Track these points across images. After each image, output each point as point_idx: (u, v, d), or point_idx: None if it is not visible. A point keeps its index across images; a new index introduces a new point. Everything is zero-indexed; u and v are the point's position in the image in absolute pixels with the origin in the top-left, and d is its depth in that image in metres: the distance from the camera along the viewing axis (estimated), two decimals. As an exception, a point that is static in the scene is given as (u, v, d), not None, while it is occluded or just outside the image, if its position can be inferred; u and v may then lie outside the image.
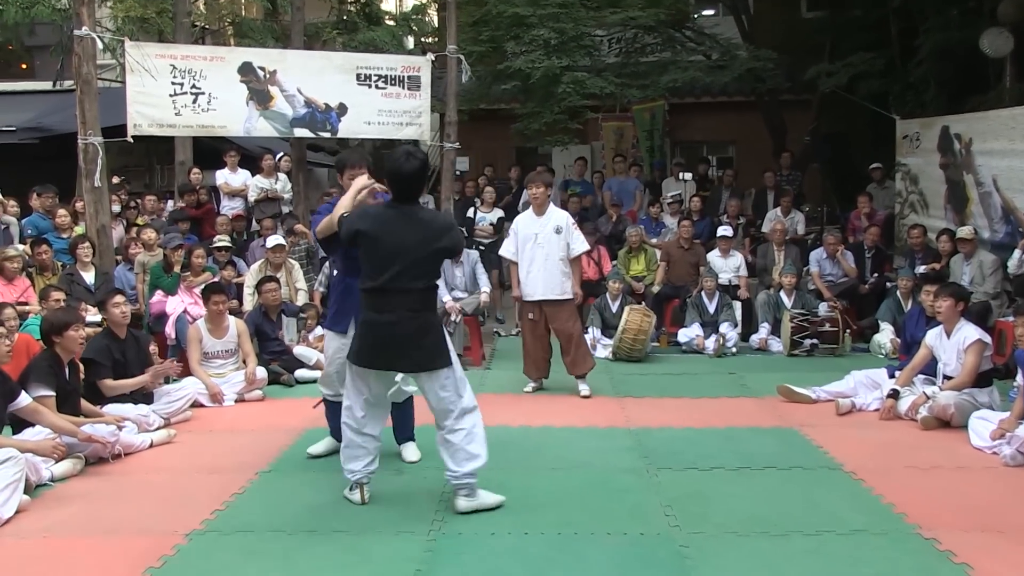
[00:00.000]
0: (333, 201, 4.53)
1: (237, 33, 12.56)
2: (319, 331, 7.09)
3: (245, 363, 6.50)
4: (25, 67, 14.99)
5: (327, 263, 7.25)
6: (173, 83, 7.89)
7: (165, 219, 9.14)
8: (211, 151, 10.36)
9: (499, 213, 9.54)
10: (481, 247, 8.95)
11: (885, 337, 7.57)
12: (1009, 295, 7.47)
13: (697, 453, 4.85)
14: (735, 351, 7.84)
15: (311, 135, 8.78)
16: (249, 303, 7.50)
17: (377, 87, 8.52)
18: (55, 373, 4.81)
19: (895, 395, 5.56)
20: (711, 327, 7.94)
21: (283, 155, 10.23)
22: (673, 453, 4.86)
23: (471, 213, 9.49)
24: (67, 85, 11.65)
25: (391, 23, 13.78)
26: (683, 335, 8.02)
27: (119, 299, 5.63)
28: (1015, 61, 8.82)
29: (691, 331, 7.96)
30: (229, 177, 9.71)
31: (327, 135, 8.80)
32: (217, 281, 7.31)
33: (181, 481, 4.55)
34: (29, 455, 4.31)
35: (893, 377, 5.78)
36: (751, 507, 4.04)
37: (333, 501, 4.16)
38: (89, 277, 7.32)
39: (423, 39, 14.23)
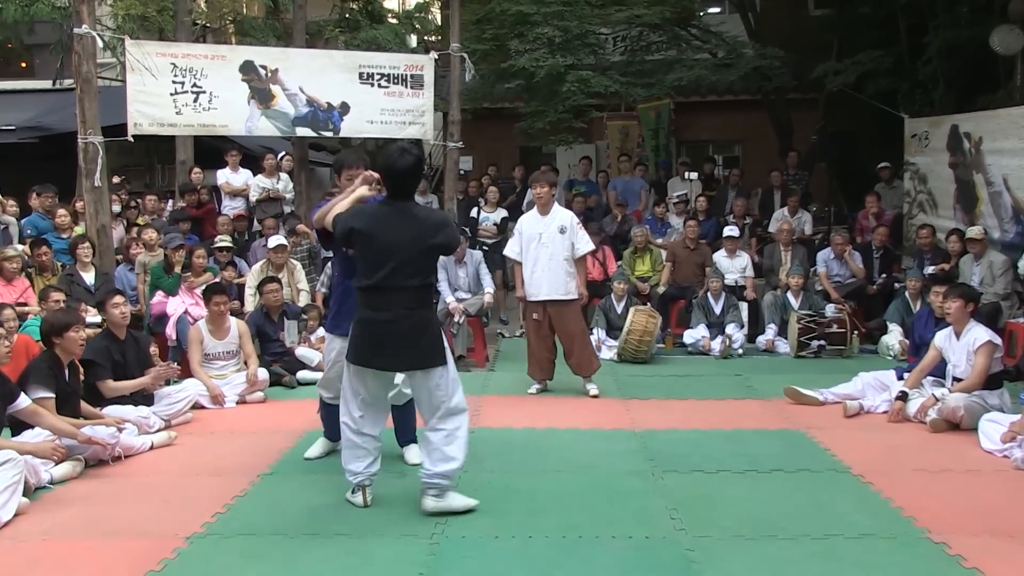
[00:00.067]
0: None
1: (238, 31, 12.58)
2: (321, 332, 7.04)
3: (246, 364, 6.48)
4: (24, 66, 15.03)
5: (329, 263, 7.21)
6: (174, 82, 7.85)
7: (166, 219, 9.13)
8: (212, 150, 10.36)
9: (503, 213, 9.54)
10: (485, 247, 8.95)
11: (893, 338, 7.52)
12: (1020, 296, 7.47)
13: (703, 455, 4.82)
14: (741, 352, 7.81)
15: (313, 134, 8.77)
16: (250, 304, 7.48)
17: (380, 86, 8.48)
18: (55, 375, 4.79)
19: (904, 397, 5.52)
20: (717, 328, 7.92)
21: (285, 154, 10.20)
22: (679, 455, 4.84)
23: (475, 213, 9.50)
24: (67, 84, 11.65)
25: (394, 21, 13.81)
26: (689, 336, 7.99)
27: (118, 299, 5.61)
28: (1026, 59, 8.78)
29: (697, 332, 7.93)
30: (230, 177, 9.70)
31: (329, 134, 8.77)
32: (218, 282, 7.29)
33: (182, 483, 4.54)
34: (28, 457, 4.29)
35: (902, 379, 5.74)
36: (758, 510, 4.01)
37: (335, 504, 4.14)
38: (89, 277, 7.29)
39: (426, 37, 14.25)
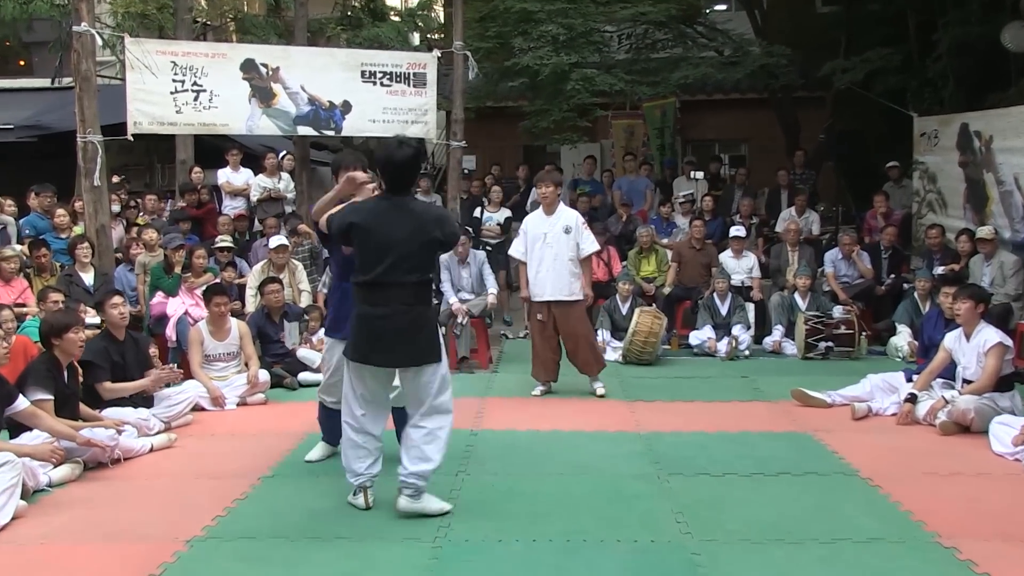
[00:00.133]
0: None
1: (239, 29, 12.63)
2: (322, 334, 6.99)
3: (247, 366, 6.45)
4: (23, 64, 15.09)
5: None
6: (174, 80, 7.82)
7: (166, 219, 9.12)
8: (213, 150, 10.36)
9: (506, 213, 9.53)
10: (488, 247, 8.96)
11: (902, 340, 7.49)
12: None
13: (709, 458, 4.80)
14: (748, 354, 7.77)
15: (315, 133, 8.74)
16: (251, 304, 7.46)
17: (382, 84, 8.46)
18: (54, 376, 4.77)
19: (913, 399, 5.49)
20: (723, 329, 7.88)
21: (286, 154, 10.18)
22: (684, 458, 4.81)
23: (478, 213, 9.49)
24: (66, 82, 11.67)
25: (396, 19, 13.87)
26: (695, 337, 7.95)
27: (117, 300, 5.59)
28: (1037, 56, 8.71)
29: (703, 333, 7.89)
30: (231, 176, 9.66)
31: (331, 133, 8.75)
32: (219, 282, 7.28)
33: (182, 486, 4.52)
34: (26, 460, 4.27)
35: (911, 381, 5.71)
36: (764, 514, 3.98)
37: (336, 507, 4.12)
38: (88, 278, 7.26)
39: (429, 35, 14.28)
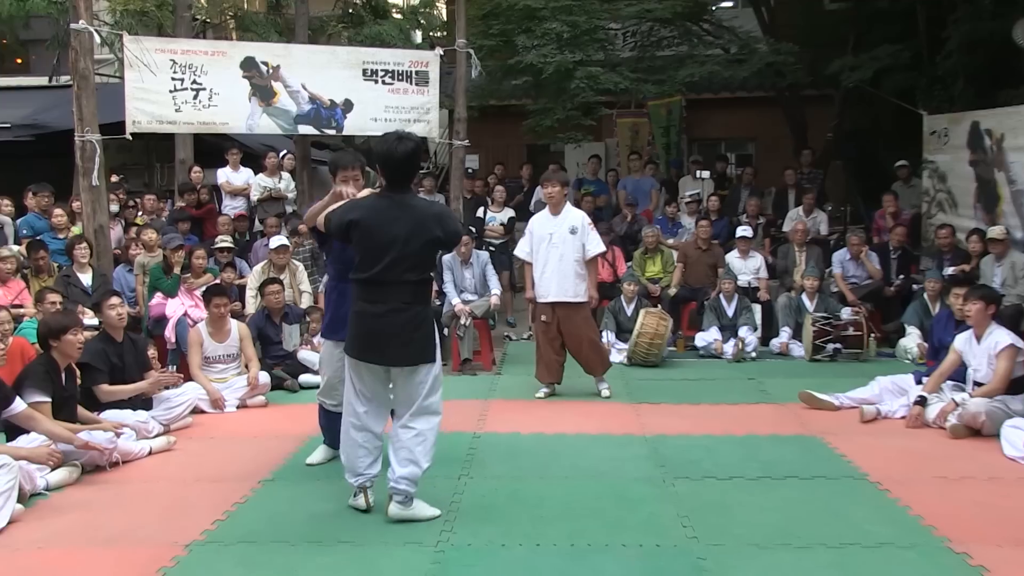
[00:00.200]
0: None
1: (239, 27, 12.66)
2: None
3: (247, 368, 6.42)
4: (20, 62, 15.14)
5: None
6: (173, 78, 7.78)
7: (165, 219, 9.09)
8: (212, 149, 10.35)
9: (510, 213, 9.53)
10: (491, 248, 8.96)
11: (912, 341, 7.46)
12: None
13: (715, 462, 4.78)
14: (755, 356, 7.75)
15: (316, 132, 8.70)
16: (252, 306, 7.42)
17: (384, 83, 8.41)
18: (51, 378, 4.75)
19: (922, 402, 5.45)
20: (730, 331, 7.87)
21: (287, 153, 10.17)
22: (690, 462, 4.79)
23: (481, 213, 9.47)
24: (63, 81, 11.71)
25: (398, 17, 13.84)
26: (700, 339, 7.94)
27: (115, 301, 5.58)
28: (1050, 53, 8.61)
29: (709, 335, 7.88)
30: (231, 176, 9.64)
31: (332, 132, 8.72)
32: (218, 283, 7.25)
33: (181, 490, 4.50)
34: (23, 463, 4.25)
35: (920, 383, 5.67)
36: (772, 518, 3.96)
37: (338, 511, 4.09)
38: (86, 279, 7.23)
39: (431, 33, 14.29)
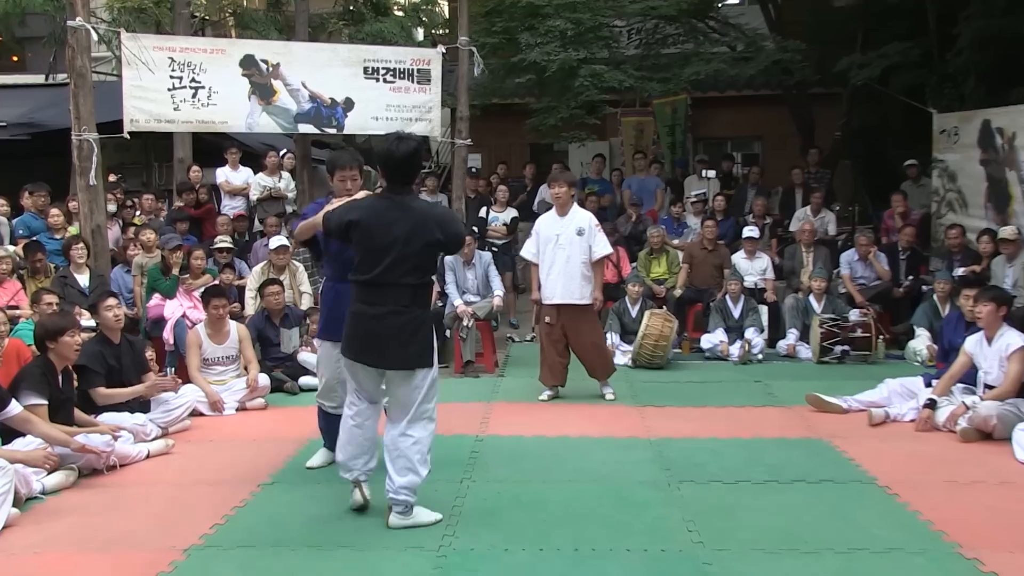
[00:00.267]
0: (320, 202, 4.43)
1: (239, 24, 12.66)
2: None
3: (247, 370, 6.39)
4: (16, 60, 15.17)
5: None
6: (171, 77, 7.72)
7: (163, 219, 9.07)
8: (211, 148, 10.31)
9: (513, 213, 9.51)
10: (494, 248, 8.93)
11: (921, 344, 7.43)
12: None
13: (721, 465, 4.75)
14: (761, 358, 7.71)
15: (316, 131, 8.63)
16: (251, 307, 7.38)
17: (385, 81, 8.35)
18: (48, 381, 4.71)
19: (932, 405, 5.41)
20: (736, 332, 7.83)
21: (287, 152, 10.14)
22: (696, 465, 4.77)
23: (484, 213, 9.44)
24: (60, 79, 11.67)
25: (400, 14, 13.83)
26: (706, 341, 7.91)
27: (112, 302, 5.54)
28: (1062, 50, 8.56)
29: (715, 337, 7.85)
30: (230, 175, 9.61)
31: (333, 131, 8.65)
32: (217, 284, 7.20)
33: (179, 494, 4.47)
34: (19, 466, 4.21)
35: (930, 386, 5.63)
36: (779, 523, 3.93)
37: (338, 515, 4.07)
38: (83, 279, 7.18)
39: (433, 30, 14.27)
